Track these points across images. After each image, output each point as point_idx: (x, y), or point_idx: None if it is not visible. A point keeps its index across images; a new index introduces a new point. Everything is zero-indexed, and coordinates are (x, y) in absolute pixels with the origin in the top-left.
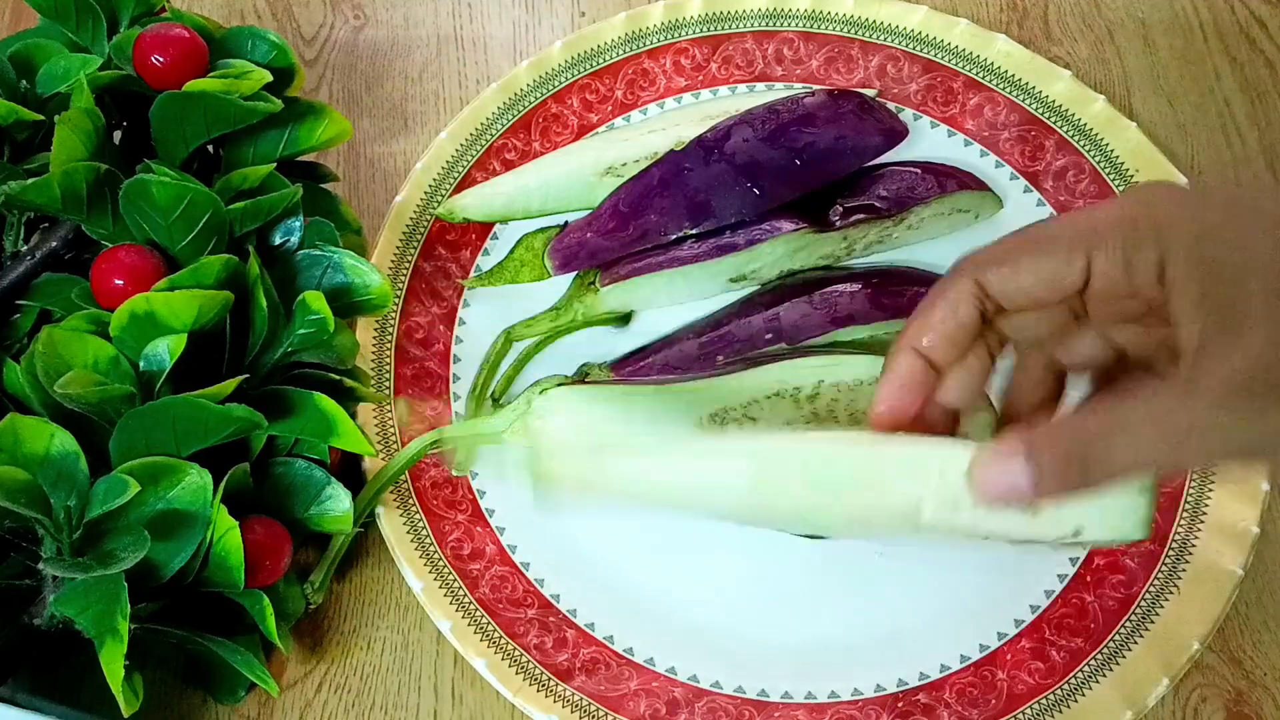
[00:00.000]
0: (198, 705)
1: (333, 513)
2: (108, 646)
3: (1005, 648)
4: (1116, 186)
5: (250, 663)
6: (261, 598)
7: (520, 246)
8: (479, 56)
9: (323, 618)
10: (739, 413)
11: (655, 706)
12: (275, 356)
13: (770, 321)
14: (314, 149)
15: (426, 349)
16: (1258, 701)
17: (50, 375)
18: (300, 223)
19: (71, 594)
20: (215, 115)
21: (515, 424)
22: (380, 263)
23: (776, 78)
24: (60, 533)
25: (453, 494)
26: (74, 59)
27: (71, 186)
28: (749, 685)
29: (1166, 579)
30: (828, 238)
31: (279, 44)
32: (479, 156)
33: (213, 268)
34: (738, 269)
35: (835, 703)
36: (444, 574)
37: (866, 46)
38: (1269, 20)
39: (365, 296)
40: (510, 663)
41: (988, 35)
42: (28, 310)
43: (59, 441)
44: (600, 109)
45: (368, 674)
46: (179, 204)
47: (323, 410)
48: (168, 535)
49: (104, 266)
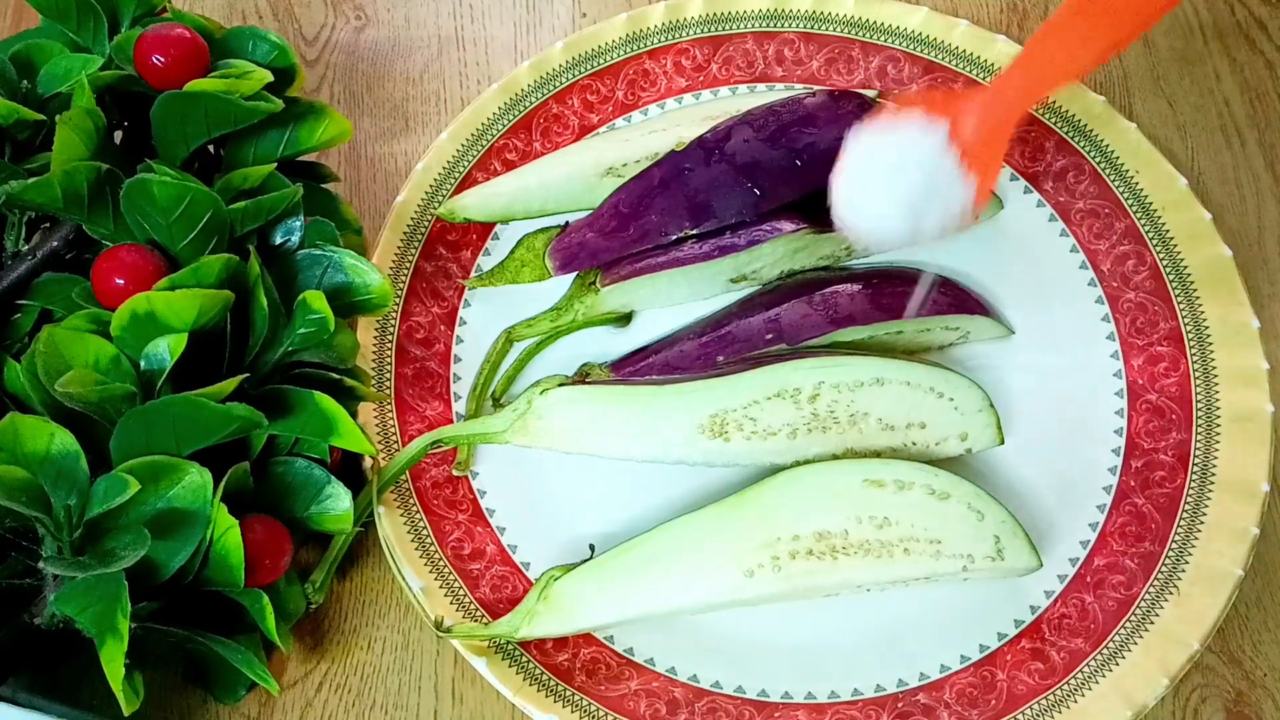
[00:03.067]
0: (198, 704)
1: (333, 512)
2: (108, 645)
3: (1005, 648)
4: (1116, 187)
5: (250, 662)
6: (261, 597)
7: (521, 247)
8: (480, 57)
9: (323, 617)
10: (739, 413)
11: (655, 706)
12: (276, 356)
13: (770, 322)
14: (315, 149)
15: (427, 349)
16: (1258, 702)
17: (51, 374)
18: (301, 222)
19: (72, 593)
20: (216, 115)
21: (515, 424)
22: (381, 263)
23: (777, 78)
24: (60, 532)
25: (453, 494)
26: (75, 59)
27: (72, 186)
28: (749, 685)
29: (1166, 579)
30: (828, 238)
31: (280, 44)
32: (480, 157)
33: (213, 267)
34: (738, 269)
35: (835, 703)
36: (444, 574)
37: (867, 47)
38: (1269, 21)
39: (366, 296)
40: (510, 663)
41: (988, 36)
42: (28, 310)
43: (59, 441)
44: (601, 109)
45: (368, 674)
46: (180, 204)
47: (323, 409)
48: (168, 534)
49: (105, 266)
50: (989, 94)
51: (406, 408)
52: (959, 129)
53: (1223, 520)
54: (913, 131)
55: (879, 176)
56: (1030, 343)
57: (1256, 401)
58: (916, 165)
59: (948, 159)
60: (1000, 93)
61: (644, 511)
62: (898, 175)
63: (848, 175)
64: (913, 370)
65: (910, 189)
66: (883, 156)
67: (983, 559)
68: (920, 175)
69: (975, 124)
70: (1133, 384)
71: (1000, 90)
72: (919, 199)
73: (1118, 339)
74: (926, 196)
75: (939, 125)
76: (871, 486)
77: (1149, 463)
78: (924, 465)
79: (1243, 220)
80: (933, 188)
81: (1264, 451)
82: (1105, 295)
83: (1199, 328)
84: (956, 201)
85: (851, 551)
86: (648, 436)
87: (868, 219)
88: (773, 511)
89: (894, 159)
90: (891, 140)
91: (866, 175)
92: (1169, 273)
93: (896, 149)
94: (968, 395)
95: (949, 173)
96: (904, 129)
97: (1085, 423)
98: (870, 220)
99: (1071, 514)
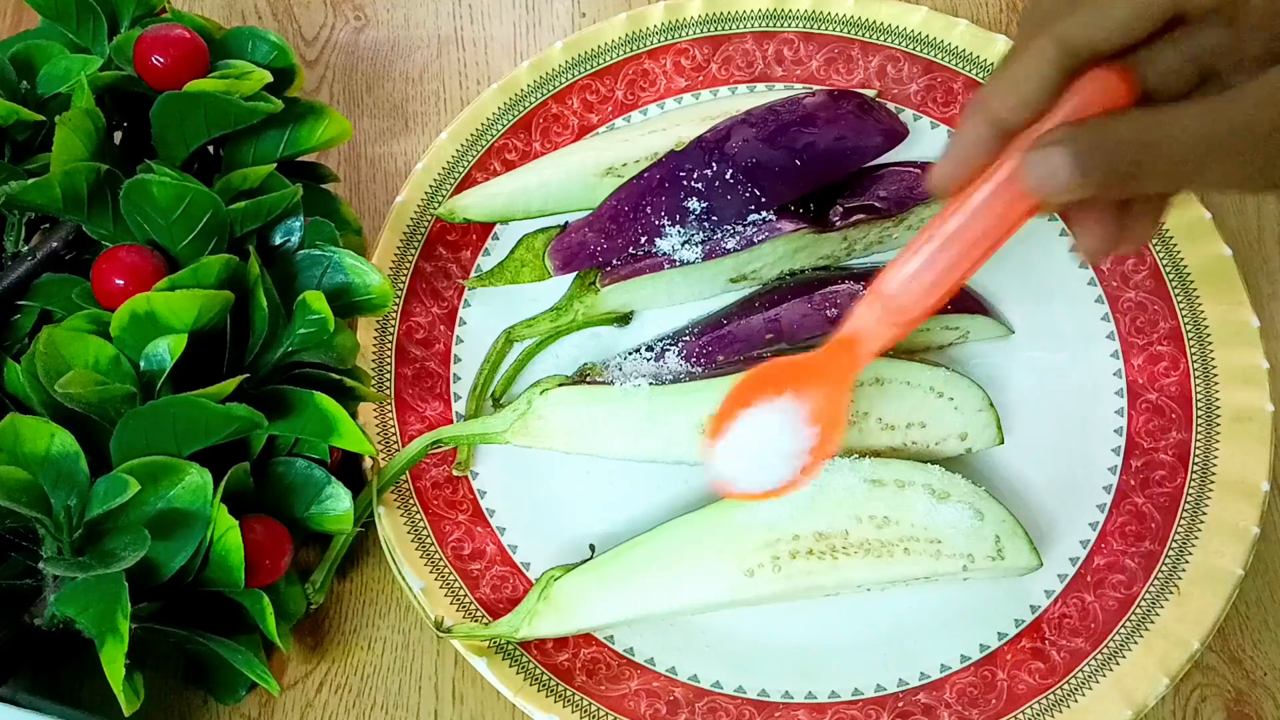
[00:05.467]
0: (198, 705)
1: (333, 512)
2: (108, 646)
3: (1005, 648)
4: None
5: (251, 662)
6: (262, 597)
7: (521, 247)
8: (479, 57)
9: (323, 617)
10: None
11: (656, 706)
12: (275, 356)
13: (770, 321)
14: (314, 149)
15: (427, 349)
16: (1258, 701)
17: (51, 375)
18: (300, 223)
19: (72, 593)
20: (216, 115)
21: (515, 424)
22: (381, 263)
23: (777, 78)
24: (60, 532)
25: (453, 494)
26: (75, 59)
27: (72, 187)
28: (749, 685)
29: (1166, 579)
30: (828, 238)
31: (279, 44)
32: (479, 157)
33: (213, 268)
34: (738, 269)
35: (835, 703)
36: (444, 574)
37: (867, 47)
38: None
39: (365, 296)
40: (511, 663)
41: (988, 36)
42: (28, 310)
43: (59, 441)
44: (601, 109)
45: (368, 674)
46: (179, 204)
47: (323, 410)
48: (168, 534)
49: (104, 266)
50: (824, 360)
51: (406, 408)
52: (805, 397)
53: (1223, 520)
54: (772, 413)
55: (747, 453)
56: (1030, 342)
57: (1256, 401)
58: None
59: (798, 424)
60: (834, 356)
61: (644, 511)
62: (759, 447)
63: (723, 453)
64: (913, 370)
65: (766, 456)
66: (749, 435)
67: (983, 558)
68: (775, 447)
69: (816, 389)
70: (1133, 383)
71: (833, 354)
72: (773, 463)
73: (1118, 338)
74: (781, 460)
75: (791, 403)
76: (871, 486)
77: (1149, 462)
78: (924, 465)
79: (1243, 220)
80: (784, 454)
81: (1264, 451)
82: (1105, 294)
83: (1199, 327)
84: (799, 459)
85: (852, 551)
86: (648, 436)
87: (736, 478)
88: (773, 511)
89: (757, 438)
90: (756, 421)
91: (738, 452)
92: (1169, 272)
93: (759, 427)
94: (968, 395)
95: (798, 440)
96: (766, 412)
97: (1085, 422)
98: (738, 479)
99: (1071, 513)
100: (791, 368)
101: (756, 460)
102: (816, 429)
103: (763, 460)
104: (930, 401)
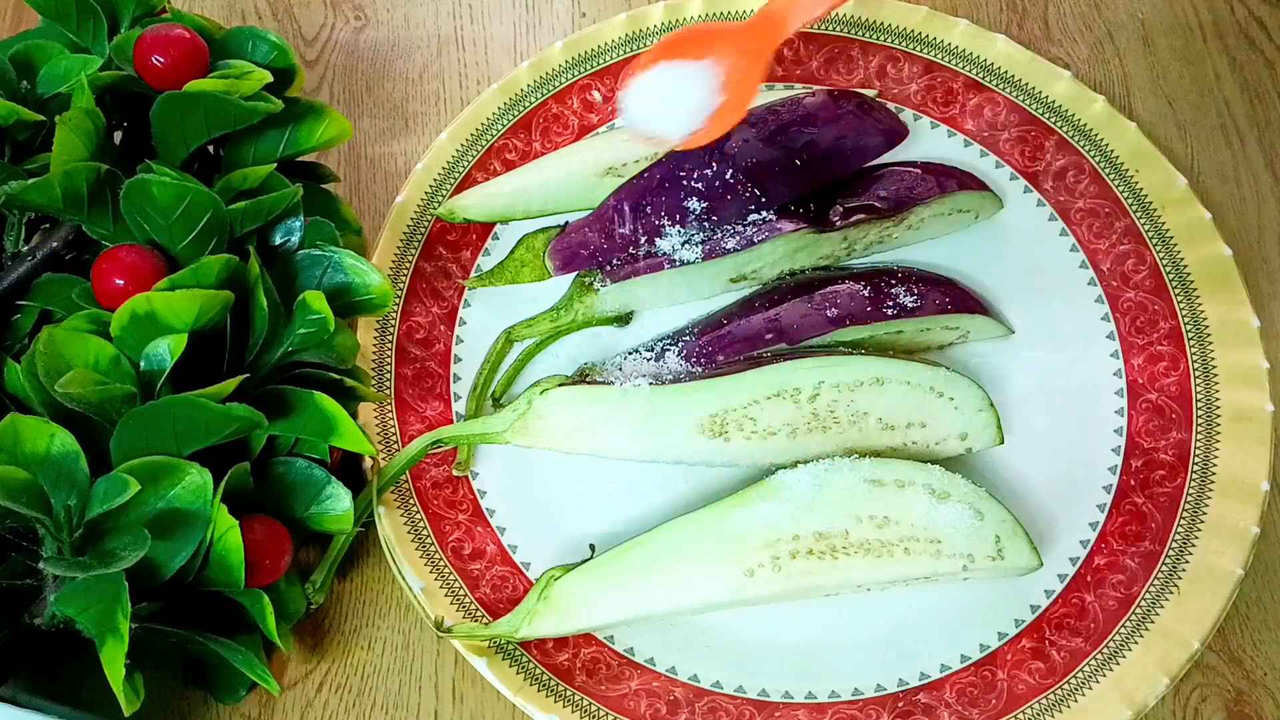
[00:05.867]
0: (198, 705)
1: (333, 512)
2: (108, 646)
3: (1005, 647)
4: (1116, 187)
5: (251, 662)
6: (262, 597)
7: (521, 247)
8: (479, 57)
9: (324, 617)
10: (739, 413)
11: (656, 706)
12: (275, 356)
13: (770, 321)
14: (314, 149)
15: (427, 349)
16: (1258, 701)
17: (51, 375)
18: (300, 223)
19: (72, 593)
20: (216, 115)
21: (515, 424)
22: (381, 263)
23: (776, 78)
24: (60, 532)
25: (453, 494)
26: (75, 59)
27: (72, 187)
28: (749, 685)
29: (1166, 579)
30: (828, 238)
31: (279, 44)
32: (479, 157)
33: (213, 268)
34: (738, 269)
35: (835, 703)
36: (444, 574)
37: (866, 47)
38: (1269, 20)
39: (366, 296)
40: (511, 663)
41: (988, 35)
42: (28, 310)
43: (59, 441)
44: (601, 109)
45: (368, 674)
46: (179, 204)
47: (323, 410)
48: (168, 534)
49: (104, 266)
50: (745, 33)
51: (406, 408)
52: (722, 62)
53: (1223, 520)
54: (689, 69)
55: (658, 98)
56: (1030, 342)
57: (1256, 401)
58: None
59: (710, 85)
60: (755, 31)
61: (644, 511)
62: (671, 98)
63: (636, 93)
64: (913, 370)
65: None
66: (663, 83)
67: (983, 558)
68: (686, 100)
69: (733, 59)
70: (1133, 383)
71: (755, 29)
72: (680, 114)
73: (1118, 338)
74: (688, 113)
75: (709, 65)
76: (871, 486)
77: (1149, 462)
78: (924, 465)
79: (1243, 220)
80: (692, 108)
81: (1264, 451)
82: (1105, 294)
83: (1199, 327)
84: (705, 111)
85: (851, 551)
86: (648, 436)
87: (646, 125)
88: (773, 511)
89: (670, 87)
90: (669, 74)
91: (650, 95)
92: (1169, 272)
93: (675, 79)
94: (968, 395)
95: (708, 93)
96: (684, 67)
97: (1085, 422)
98: (648, 126)
99: (1071, 513)
100: (717, 33)
101: (666, 108)
102: (727, 95)
103: (672, 109)
104: (930, 401)
